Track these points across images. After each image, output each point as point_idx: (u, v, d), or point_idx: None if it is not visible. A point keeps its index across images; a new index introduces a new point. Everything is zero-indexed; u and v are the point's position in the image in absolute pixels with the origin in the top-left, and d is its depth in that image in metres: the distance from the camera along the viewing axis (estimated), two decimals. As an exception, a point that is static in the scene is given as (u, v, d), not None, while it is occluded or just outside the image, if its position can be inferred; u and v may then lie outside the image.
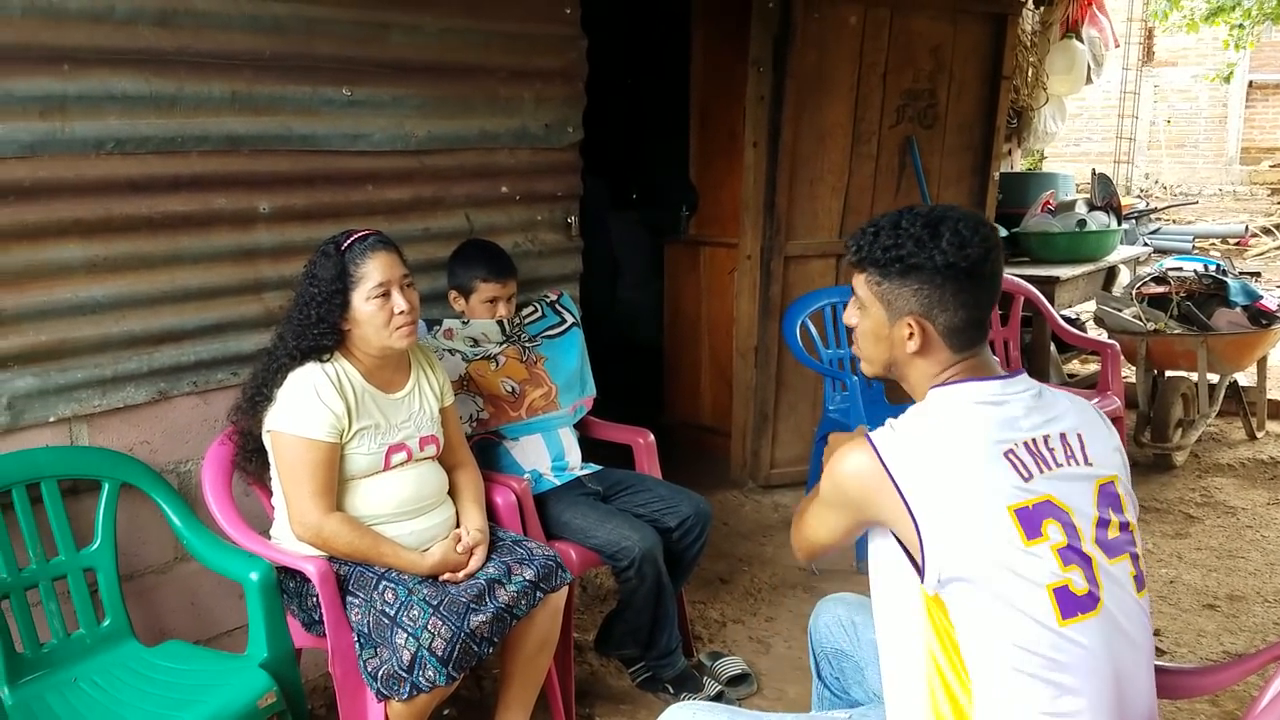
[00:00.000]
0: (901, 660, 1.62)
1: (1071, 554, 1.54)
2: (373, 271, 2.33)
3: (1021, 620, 1.49)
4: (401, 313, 2.35)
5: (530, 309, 3.16)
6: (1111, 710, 1.54)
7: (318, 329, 2.33)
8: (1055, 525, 1.54)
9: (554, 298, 3.24)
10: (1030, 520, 1.52)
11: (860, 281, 1.70)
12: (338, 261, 2.33)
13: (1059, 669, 1.50)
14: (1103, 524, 1.60)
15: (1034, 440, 1.58)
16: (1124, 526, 1.63)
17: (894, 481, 1.53)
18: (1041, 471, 1.56)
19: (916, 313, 1.63)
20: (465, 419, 2.81)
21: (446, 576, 2.37)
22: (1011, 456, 1.55)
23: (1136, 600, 1.61)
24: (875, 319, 1.69)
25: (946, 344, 1.64)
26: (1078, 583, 1.53)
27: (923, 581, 1.53)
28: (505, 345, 2.98)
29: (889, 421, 1.61)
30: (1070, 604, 1.52)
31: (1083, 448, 1.63)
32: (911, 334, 1.64)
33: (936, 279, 1.60)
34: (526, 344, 3.04)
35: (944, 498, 1.52)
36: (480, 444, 2.88)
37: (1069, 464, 1.60)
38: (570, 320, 3.20)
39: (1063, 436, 1.61)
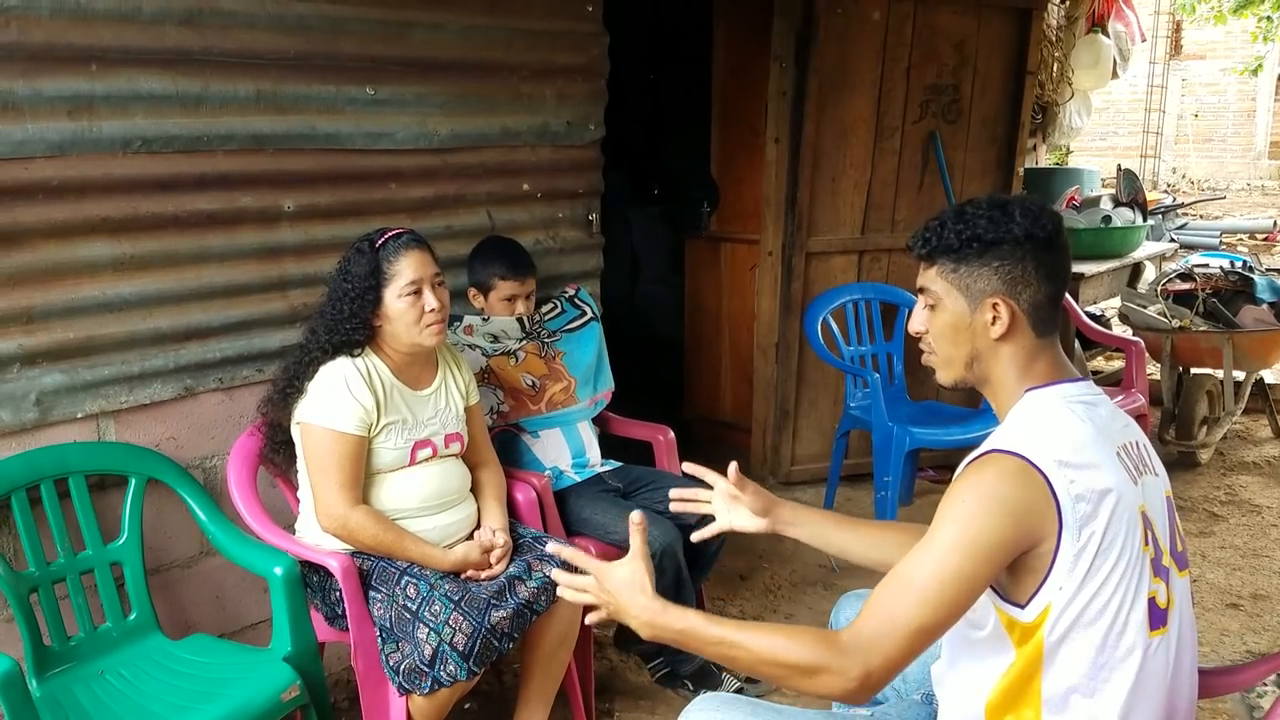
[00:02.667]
0: (965, 693, 1.58)
1: (1159, 565, 1.51)
2: (405, 269, 2.36)
3: (1120, 629, 1.45)
4: (432, 310, 2.38)
5: (549, 305, 3.17)
6: None
7: (350, 324, 2.36)
8: (1150, 534, 1.50)
9: (571, 292, 3.26)
10: (1144, 525, 1.49)
11: (931, 276, 1.61)
12: (371, 258, 2.36)
13: (1136, 684, 1.46)
14: (1173, 536, 1.57)
15: (1127, 445, 1.54)
16: (1183, 539, 1.60)
17: (1047, 481, 1.42)
18: (1140, 477, 1.53)
19: (1000, 292, 1.55)
20: (486, 411, 2.82)
21: (469, 573, 2.40)
22: (1122, 458, 1.51)
23: (1193, 615, 1.60)
24: (953, 311, 1.59)
25: (1031, 325, 1.56)
26: (1162, 595, 1.50)
27: (1024, 608, 1.46)
28: (525, 341, 3.00)
29: (997, 435, 1.51)
30: (1156, 616, 1.49)
31: (1150, 457, 1.59)
32: (996, 317, 1.55)
33: (1017, 252, 1.54)
34: (546, 340, 3.06)
35: (1090, 494, 1.43)
36: (502, 438, 2.90)
37: (1147, 473, 1.56)
38: (589, 314, 3.22)
39: (1137, 444, 1.57)
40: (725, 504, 1.92)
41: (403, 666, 2.25)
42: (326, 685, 2.44)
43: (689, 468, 1.95)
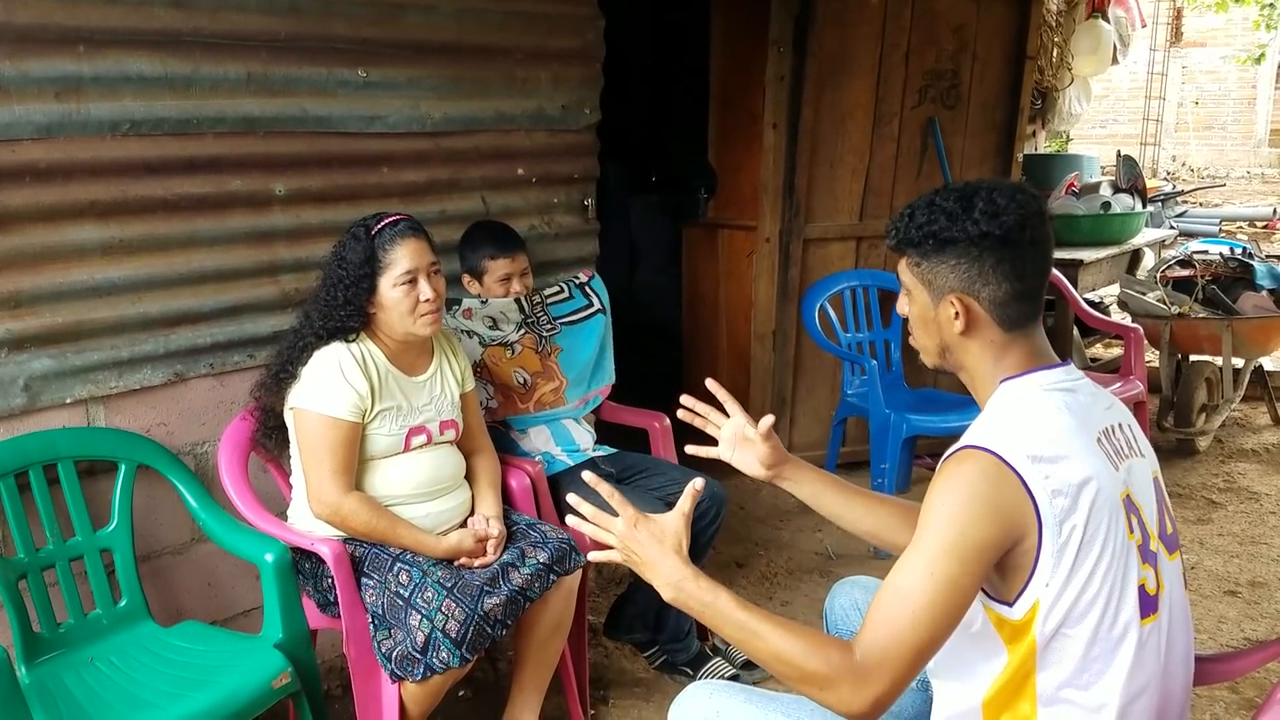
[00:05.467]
0: (961, 688, 1.56)
1: (1146, 551, 1.49)
2: (401, 258, 2.33)
3: (1110, 620, 1.43)
4: (427, 300, 2.35)
5: (556, 289, 3.14)
6: (1155, 714, 1.51)
7: (344, 310, 2.34)
8: (1135, 519, 1.48)
9: (584, 279, 3.23)
10: (1127, 511, 1.47)
11: (902, 266, 1.61)
12: (367, 245, 2.33)
13: (1130, 673, 1.45)
14: (1162, 519, 1.55)
15: (1109, 429, 1.52)
16: (1173, 520, 1.59)
17: (1021, 479, 1.40)
18: (1122, 462, 1.51)
19: (957, 290, 1.54)
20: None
21: (462, 561, 2.38)
22: (1102, 444, 1.49)
23: (1185, 597, 1.58)
24: (920, 303, 1.60)
25: (995, 320, 1.54)
26: (1150, 582, 1.48)
27: (1011, 605, 1.44)
28: (523, 332, 2.97)
29: (972, 429, 1.49)
30: (1146, 603, 1.47)
31: (1136, 439, 1.57)
32: (956, 313, 1.54)
33: (973, 251, 1.52)
34: (545, 332, 3.03)
35: (1067, 488, 1.41)
36: (489, 431, 2.87)
37: (1132, 455, 1.54)
38: (596, 306, 3.18)
39: (1121, 426, 1.55)
40: (733, 440, 1.91)
41: (395, 653, 2.23)
42: (319, 672, 2.43)
43: (712, 385, 1.90)
